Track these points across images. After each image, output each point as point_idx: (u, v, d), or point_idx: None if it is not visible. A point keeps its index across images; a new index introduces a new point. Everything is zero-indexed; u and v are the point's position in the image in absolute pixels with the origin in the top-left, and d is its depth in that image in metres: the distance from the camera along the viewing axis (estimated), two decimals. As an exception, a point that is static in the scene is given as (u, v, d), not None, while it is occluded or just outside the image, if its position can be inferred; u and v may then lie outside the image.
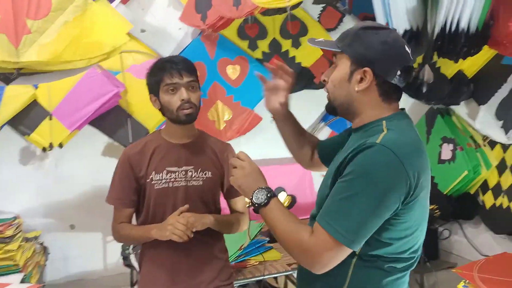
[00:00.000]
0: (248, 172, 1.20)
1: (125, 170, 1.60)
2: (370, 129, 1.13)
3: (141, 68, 3.11)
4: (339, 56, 1.17)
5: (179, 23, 3.36)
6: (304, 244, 1.04)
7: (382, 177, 1.01)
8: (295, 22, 3.57)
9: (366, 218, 1.01)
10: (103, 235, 3.37)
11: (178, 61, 1.56)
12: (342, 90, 1.16)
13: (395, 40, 1.14)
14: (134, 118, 3.17)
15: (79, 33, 1.86)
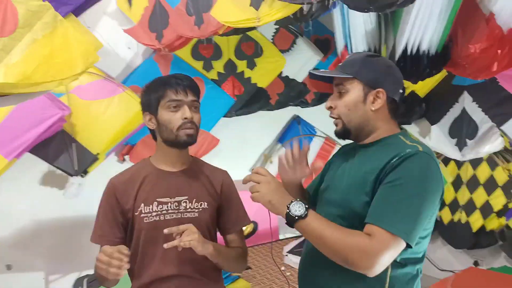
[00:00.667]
0: (274, 186, 1.22)
1: (110, 202, 1.41)
2: (390, 142, 1.27)
3: (87, 89, 2.89)
4: (349, 82, 1.28)
5: (128, 42, 3.18)
6: (367, 246, 1.10)
7: (430, 180, 1.16)
8: (250, 43, 3.53)
9: (422, 216, 1.14)
10: (45, 275, 3.02)
11: (183, 78, 1.43)
12: (358, 111, 1.28)
13: (394, 64, 1.35)
14: (79, 143, 2.89)
15: (49, 53, 1.65)
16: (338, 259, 1.14)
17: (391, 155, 1.18)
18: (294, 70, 3.79)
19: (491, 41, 2.01)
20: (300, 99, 3.92)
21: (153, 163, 1.47)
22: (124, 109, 2.85)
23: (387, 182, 1.16)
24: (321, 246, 1.17)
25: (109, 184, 1.45)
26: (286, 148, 3.81)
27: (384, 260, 1.10)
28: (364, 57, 1.31)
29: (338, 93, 1.31)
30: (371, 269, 1.10)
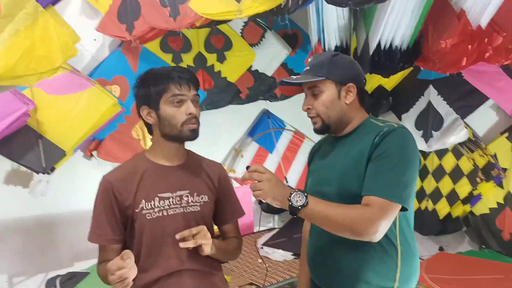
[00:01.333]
0: (275, 182, 1.29)
1: (108, 200, 1.34)
2: (365, 127, 1.42)
3: (53, 83, 2.75)
4: (322, 83, 1.40)
5: (94, 33, 3.06)
6: (369, 215, 1.22)
7: (411, 149, 1.32)
8: (219, 36, 3.51)
9: (409, 180, 1.29)
10: (8, 278, 2.87)
11: (185, 71, 1.38)
12: (335, 107, 1.41)
13: (353, 59, 1.49)
14: (46, 138, 2.76)
15: (30, 45, 1.55)
16: (345, 232, 1.26)
17: (373, 136, 1.33)
18: (263, 64, 3.80)
19: (462, 36, 2.11)
20: (270, 93, 3.94)
21: (150, 158, 1.43)
22: (95, 104, 2.76)
23: (374, 157, 1.31)
24: (328, 225, 1.28)
25: (104, 182, 1.37)
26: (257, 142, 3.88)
27: (385, 224, 1.24)
28: (330, 57, 1.43)
29: (312, 95, 1.43)
30: (375, 234, 1.23)
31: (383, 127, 1.35)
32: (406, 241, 1.38)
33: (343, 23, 2.84)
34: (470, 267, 2.59)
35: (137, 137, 3.18)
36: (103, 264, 1.32)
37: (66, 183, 3.01)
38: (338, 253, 1.41)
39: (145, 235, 1.36)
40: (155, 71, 1.39)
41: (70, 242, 3.03)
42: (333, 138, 1.50)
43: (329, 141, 1.54)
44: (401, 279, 1.37)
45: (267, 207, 3.94)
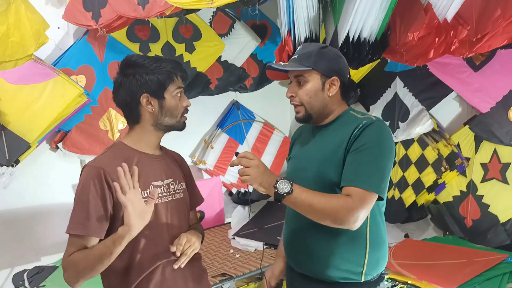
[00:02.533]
0: (263, 169, 1.34)
1: (102, 188, 1.27)
2: (344, 118, 1.48)
3: (16, 72, 2.64)
4: (308, 73, 1.46)
5: (58, 21, 2.97)
6: (349, 204, 1.29)
7: (388, 141, 1.39)
8: (188, 26, 3.46)
9: (386, 171, 1.36)
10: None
11: (180, 64, 1.40)
12: (318, 98, 1.46)
13: (340, 53, 1.53)
14: (9, 130, 2.66)
15: (5, 31, 1.50)
16: (326, 220, 1.33)
17: (352, 128, 1.39)
18: (232, 55, 3.79)
19: (429, 29, 2.17)
20: (239, 84, 3.93)
21: (134, 147, 1.39)
22: (60, 94, 2.68)
23: (353, 149, 1.37)
24: (311, 212, 1.34)
25: (95, 169, 1.29)
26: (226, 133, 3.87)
27: (364, 213, 1.31)
28: (318, 49, 1.48)
29: (297, 83, 1.48)
30: (355, 223, 1.30)
31: (362, 119, 1.41)
32: (376, 228, 1.44)
33: (313, 15, 2.86)
34: (435, 252, 2.69)
35: (105, 128, 3.12)
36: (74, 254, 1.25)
37: (31, 176, 2.92)
38: (311, 237, 1.47)
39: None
40: (153, 60, 1.36)
41: (36, 236, 2.94)
42: (313, 126, 1.56)
43: (309, 129, 1.59)
44: (369, 264, 1.43)
45: (237, 198, 3.95)
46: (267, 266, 2.72)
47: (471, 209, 3.00)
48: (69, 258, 1.26)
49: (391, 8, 2.32)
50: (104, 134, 3.12)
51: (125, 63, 1.38)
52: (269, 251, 2.91)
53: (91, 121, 3.06)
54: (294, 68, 1.47)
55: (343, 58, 1.52)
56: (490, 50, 2.40)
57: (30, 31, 1.63)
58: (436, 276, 2.36)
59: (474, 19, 2.25)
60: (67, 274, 1.27)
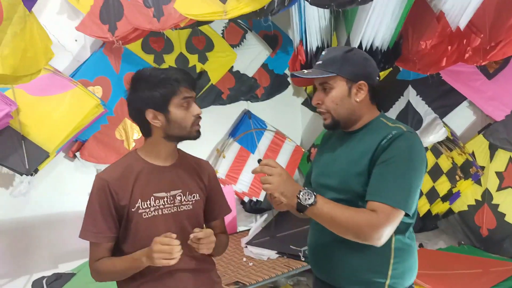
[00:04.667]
0: (285, 178, 1.30)
1: (104, 198, 1.35)
2: (374, 126, 1.42)
3: (35, 84, 2.69)
4: (333, 79, 1.39)
5: (75, 34, 3.04)
6: (374, 221, 1.24)
7: (418, 155, 1.33)
8: (201, 37, 3.52)
9: (415, 187, 1.30)
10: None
11: (186, 73, 1.40)
12: (344, 104, 1.41)
13: (367, 55, 1.46)
14: (29, 140, 2.72)
15: (24, 47, 1.57)
16: (350, 235, 1.29)
17: (380, 137, 1.33)
18: (244, 65, 3.84)
19: (442, 38, 2.18)
20: (251, 93, 3.98)
21: (144, 158, 1.43)
22: (78, 105, 2.73)
23: (380, 162, 1.31)
24: (334, 226, 1.30)
25: (100, 181, 1.37)
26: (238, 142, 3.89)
27: (389, 230, 1.27)
28: (343, 53, 1.41)
29: (322, 90, 1.42)
30: (379, 239, 1.26)
31: (392, 129, 1.35)
32: (403, 238, 1.39)
33: (325, 24, 2.90)
34: (450, 262, 2.67)
35: (120, 138, 3.16)
36: (101, 261, 1.37)
37: (48, 185, 2.97)
38: (334, 246, 1.43)
39: (140, 233, 1.38)
40: (157, 73, 1.37)
41: (53, 243, 2.99)
42: (341, 132, 1.50)
43: (338, 134, 1.54)
44: (393, 276, 1.38)
45: (250, 207, 3.96)
46: (280, 275, 2.73)
47: (487, 218, 2.97)
48: (96, 265, 1.39)
49: (404, 17, 2.35)
50: (120, 143, 3.16)
51: (132, 78, 1.42)
52: (282, 259, 2.91)
53: (107, 131, 3.11)
54: (317, 75, 1.42)
55: (371, 60, 1.45)
56: (504, 57, 2.40)
57: (41, 47, 1.71)
58: (451, 286, 2.34)
59: (487, 27, 2.26)
60: (94, 276, 1.42)
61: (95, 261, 1.39)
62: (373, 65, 1.44)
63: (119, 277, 1.39)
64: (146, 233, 1.37)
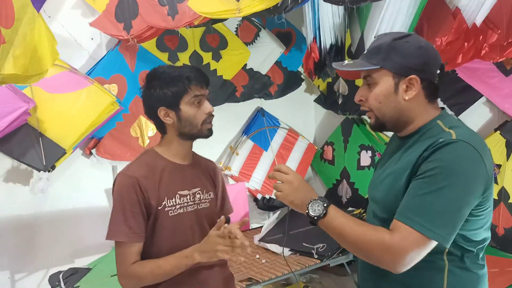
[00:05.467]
0: (296, 185, 1.18)
1: (136, 195, 1.35)
2: (427, 130, 1.17)
3: (52, 81, 2.77)
4: (376, 73, 1.18)
5: (91, 32, 3.09)
6: (387, 243, 1.04)
7: (467, 170, 1.06)
8: (215, 35, 3.54)
9: (454, 211, 1.04)
10: (10, 274, 2.88)
11: (199, 70, 1.42)
12: (390, 103, 1.18)
13: (426, 43, 1.19)
14: (46, 137, 2.77)
15: (33, 47, 1.61)
16: (362, 255, 1.13)
17: (426, 146, 1.11)
18: (258, 62, 3.84)
19: (457, 34, 2.16)
20: (264, 91, 3.98)
21: (164, 155, 1.45)
22: (93, 102, 2.78)
23: (418, 174, 1.09)
24: (344, 243, 1.14)
25: (128, 179, 1.36)
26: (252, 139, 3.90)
27: (409, 258, 1.04)
28: (390, 41, 1.17)
29: (367, 84, 1.22)
30: (395, 266, 1.05)
31: (443, 134, 1.11)
32: (459, 269, 1.14)
33: (338, 21, 2.89)
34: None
35: (135, 135, 3.20)
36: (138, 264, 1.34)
37: (65, 181, 3.02)
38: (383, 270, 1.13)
39: (166, 231, 1.39)
40: (170, 71, 1.39)
41: (70, 239, 3.04)
42: (398, 136, 1.27)
43: (396, 138, 1.31)
44: None
45: (263, 204, 3.97)
46: (293, 272, 2.73)
47: (503, 217, 2.93)
48: (131, 269, 1.35)
49: (418, 13, 2.33)
50: (135, 140, 3.20)
51: (146, 76, 1.44)
52: (294, 257, 2.92)
53: (122, 128, 3.15)
54: (356, 68, 1.22)
55: (428, 49, 1.17)
56: (522, 54, 2.37)
57: (48, 47, 1.75)
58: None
59: (504, 22, 2.23)
60: (128, 282, 1.37)
61: (130, 264, 1.34)
62: (431, 55, 1.17)
63: (162, 278, 1.35)
64: (171, 231, 1.39)
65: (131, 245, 1.35)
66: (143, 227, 1.37)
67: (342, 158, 3.88)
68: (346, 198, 3.83)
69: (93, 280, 2.36)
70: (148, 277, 1.34)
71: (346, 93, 3.72)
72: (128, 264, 1.34)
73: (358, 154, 3.70)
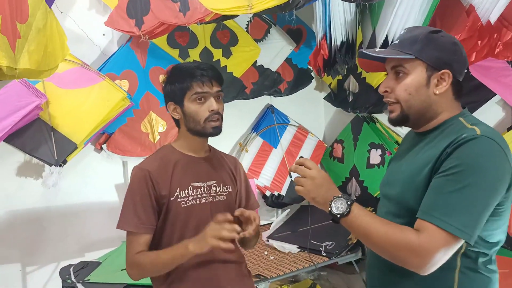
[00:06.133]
0: (319, 182, 1.16)
1: (147, 188, 1.40)
2: (449, 126, 1.17)
3: (64, 77, 2.80)
4: (410, 63, 1.16)
5: (103, 28, 3.11)
6: (414, 244, 1.03)
7: (492, 167, 1.04)
8: (225, 31, 3.54)
9: (480, 209, 1.03)
10: (21, 266, 2.92)
11: (208, 68, 1.44)
12: (420, 96, 1.17)
13: (459, 41, 1.20)
14: (58, 131, 2.80)
15: (46, 43, 1.64)
16: (386, 256, 1.10)
17: (448, 142, 1.09)
18: (268, 59, 3.83)
19: (471, 32, 2.14)
20: (274, 88, 3.97)
21: (179, 149, 1.50)
22: (105, 98, 2.80)
23: (440, 172, 1.07)
24: (368, 243, 1.13)
25: (141, 171, 1.42)
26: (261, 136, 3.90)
27: (437, 259, 1.03)
28: (427, 33, 1.17)
29: (394, 75, 1.19)
30: (422, 268, 1.04)
31: (466, 130, 1.09)
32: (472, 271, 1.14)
33: (350, 18, 2.87)
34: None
35: (146, 130, 3.22)
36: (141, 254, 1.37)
37: (76, 175, 3.05)
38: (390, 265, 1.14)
39: (179, 222, 1.42)
40: (180, 67, 1.47)
41: (81, 233, 3.08)
42: (415, 132, 1.28)
43: (412, 135, 1.31)
44: None
45: (271, 201, 3.98)
46: (301, 269, 2.74)
47: (514, 217, 2.91)
48: (135, 258, 1.38)
49: (432, 11, 2.30)
50: (145, 136, 3.22)
51: (166, 72, 1.51)
52: (303, 254, 2.92)
53: (133, 124, 3.17)
54: (392, 55, 1.18)
55: (461, 47, 1.19)
56: (536, 52, 2.33)
57: (58, 43, 1.77)
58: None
59: (519, 21, 2.20)
60: (133, 271, 1.41)
61: (135, 253, 1.38)
62: (463, 53, 1.19)
63: (162, 269, 1.38)
64: (185, 221, 1.42)
65: (139, 235, 1.39)
66: (153, 220, 1.41)
67: (352, 156, 3.86)
68: (355, 196, 3.81)
69: (103, 274, 2.39)
70: (148, 267, 1.38)
71: (357, 91, 3.70)
72: (134, 253, 1.39)
73: (368, 153, 3.68)
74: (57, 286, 2.57)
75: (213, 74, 1.44)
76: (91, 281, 2.31)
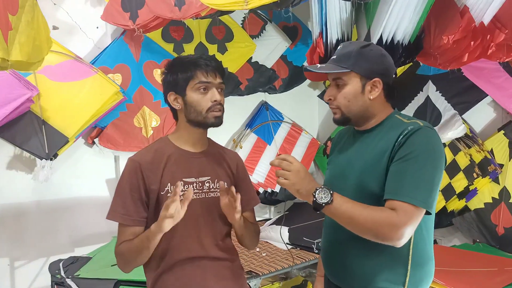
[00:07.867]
0: (303, 175, 1.27)
1: (137, 180, 1.38)
2: (389, 123, 1.39)
3: (57, 70, 2.78)
4: (347, 75, 1.37)
5: (96, 21, 3.08)
6: (394, 220, 1.19)
7: (437, 150, 1.28)
8: (221, 27, 3.52)
9: (435, 184, 1.26)
10: (10, 261, 2.89)
11: (211, 59, 1.43)
12: (357, 101, 1.38)
13: (385, 51, 1.43)
14: (49, 125, 2.77)
15: (34, 35, 1.63)
16: (369, 235, 1.24)
17: (397, 134, 1.29)
18: (263, 56, 3.83)
19: (465, 33, 2.14)
20: (269, 85, 3.97)
21: (175, 143, 1.47)
22: (97, 92, 2.78)
23: (397, 159, 1.27)
24: (352, 226, 1.25)
25: (133, 163, 1.41)
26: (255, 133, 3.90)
27: (410, 230, 1.21)
28: (358, 49, 1.37)
29: (335, 85, 1.40)
30: (399, 240, 1.21)
31: (408, 125, 1.31)
32: (422, 245, 1.35)
33: (345, 16, 2.86)
34: (464, 260, 2.65)
35: (139, 125, 3.20)
36: (125, 243, 1.37)
37: (67, 170, 3.03)
38: (348, 250, 1.39)
39: None
40: (183, 58, 1.45)
41: (71, 227, 3.06)
42: (355, 130, 1.47)
43: (351, 133, 1.50)
44: (410, 284, 1.34)
45: (265, 198, 3.98)
46: (293, 266, 2.75)
47: (504, 216, 2.94)
48: (119, 248, 1.39)
49: (426, 11, 2.31)
50: (138, 131, 3.20)
51: (165, 64, 1.49)
52: (295, 251, 2.93)
53: (126, 118, 3.15)
54: (330, 70, 1.39)
55: (388, 57, 1.41)
56: (528, 54, 2.35)
57: (44, 35, 1.77)
58: (465, 284, 2.32)
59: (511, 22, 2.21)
60: (118, 261, 1.41)
61: (119, 243, 1.39)
62: (390, 61, 1.41)
63: (137, 255, 1.36)
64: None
65: (127, 227, 1.39)
66: (141, 212, 1.39)
67: (344, 154, 3.86)
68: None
69: (94, 269, 2.38)
70: (126, 254, 1.37)
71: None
72: (119, 243, 1.39)
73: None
74: (46, 281, 2.56)
75: (217, 65, 1.43)
76: (81, 277, 2.30)
